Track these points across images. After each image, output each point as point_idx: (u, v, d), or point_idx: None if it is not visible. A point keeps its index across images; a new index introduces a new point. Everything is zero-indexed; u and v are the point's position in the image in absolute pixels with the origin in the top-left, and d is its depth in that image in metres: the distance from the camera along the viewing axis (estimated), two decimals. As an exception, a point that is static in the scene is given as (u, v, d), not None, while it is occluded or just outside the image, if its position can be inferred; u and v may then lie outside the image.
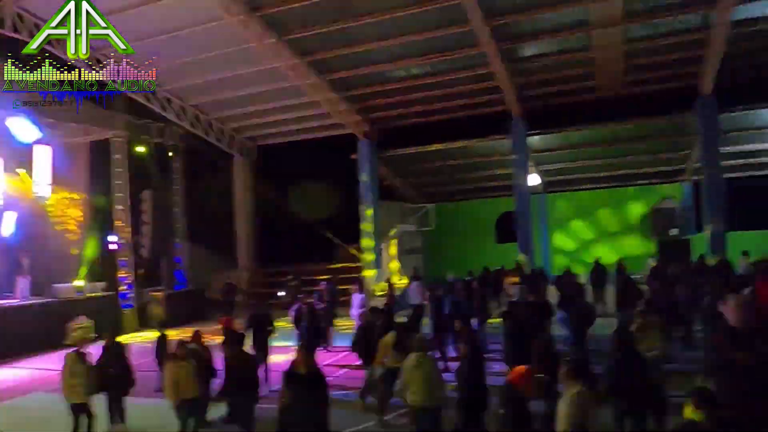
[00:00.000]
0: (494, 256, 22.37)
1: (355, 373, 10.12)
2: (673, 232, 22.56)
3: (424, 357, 6.34)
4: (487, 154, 22.53)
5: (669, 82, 17.45)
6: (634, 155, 22.29)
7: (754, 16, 14.22)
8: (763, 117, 18.96)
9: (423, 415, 6.19)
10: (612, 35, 15.18)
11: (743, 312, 8.96)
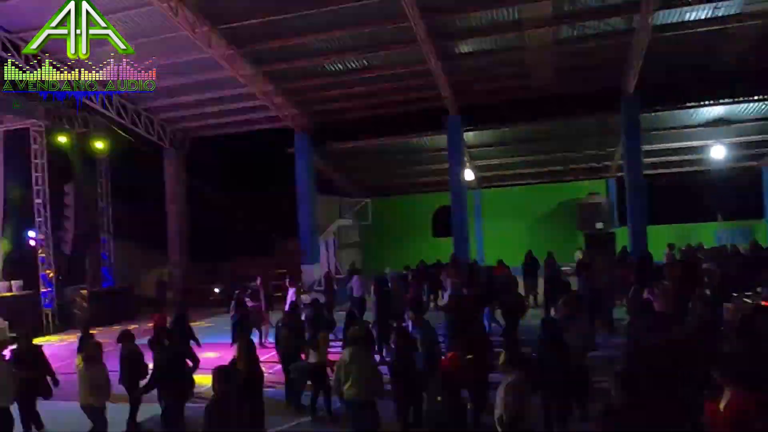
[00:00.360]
0: (431, 250, 22.72)
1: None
2: (598, 225, 23.66)
3: (359, 350, 6.33)
4: (424, 149, 22.81)
5: (596, 82, 18.21)
6: (563, 152, 23.18)
7: (672, 22, 15.06)
8: (680, 117, 20.19)
9: (359, 409, 6.19)
10: (543, 36, 15.67)
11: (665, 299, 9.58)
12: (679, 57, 16.85)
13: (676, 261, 15.05)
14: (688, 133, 21.18)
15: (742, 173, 24.04)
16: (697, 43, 16.09)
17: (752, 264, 13.54)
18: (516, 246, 21.41)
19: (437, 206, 26.32)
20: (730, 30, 15.42)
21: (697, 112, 19.72)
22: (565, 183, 25.54)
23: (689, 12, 14.66)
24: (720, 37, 15.88)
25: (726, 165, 23.05)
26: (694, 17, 14.89)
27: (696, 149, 22.42)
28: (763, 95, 18.37)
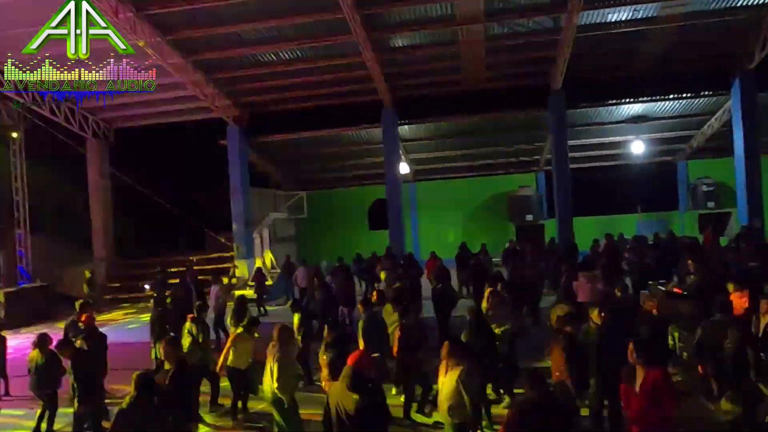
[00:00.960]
0: (367, 242, 22.78)
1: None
2: (528, 217, 24.48)
3: (282, 348, 6.22)
4: (359, 142, 22.82)
5: (525, 78, 18.78)
6: (495, 146, 23.80)
7: (596, 22, 15.73)
8: (603, 114, 21.19)
9: (283, 408, 6.13)
10: (475, 32, 15.98)
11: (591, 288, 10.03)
12: (602, 56, 17.66)
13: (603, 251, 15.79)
14: (611, 129, 22.27)
15: (660, 168, 25.52)
16: (619, 43, 16.91)
17: (668, 253, 14.42)
18: (450, 238, 21.85)
19: (373, 199, 26.42)
20: (648, 32, 16.30)
21: (618, 109, 20.75)
22: (497, 176, 26.24)
23: (611, 13, 15.37)
24: (639, 38, 16.75)
25: (645, 160, 24.40)
26: (615, 18, 15.63)
27: (617, 144, 23.57)
28: (678, 94, 19.57)
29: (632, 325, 6.96)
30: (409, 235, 23.59)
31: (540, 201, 25.16)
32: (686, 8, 15.22)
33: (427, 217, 26.20)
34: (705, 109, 20.78)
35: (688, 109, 20.89)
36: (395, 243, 19.18)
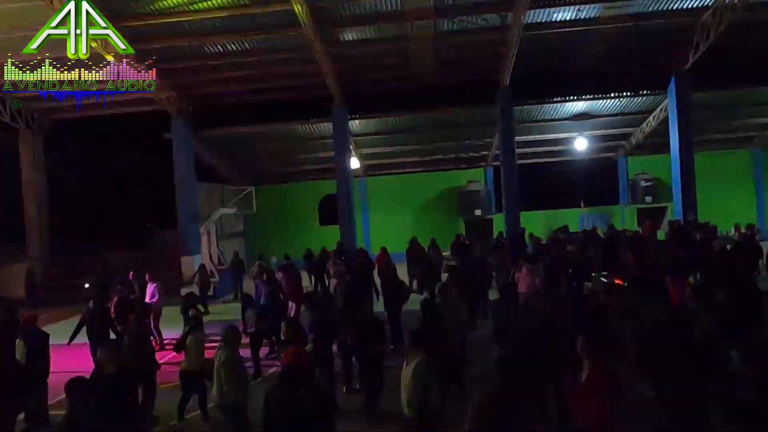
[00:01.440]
0: (317, 238, 22.62)
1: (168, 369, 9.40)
2: (477, 212, 24.89)
3: (229, 351, 6.07)
4: (309, 137, 22.59)
5: (474, 75, 19.06)
6: (445, 142, 24.05)
7: (542, 21, 16.11)
8: (549, 110, 21.75)
9: (233, 411, 6.00)
10: (424, 28, 16.07)
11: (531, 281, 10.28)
12: (547, 54, 18.11)
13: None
14: (555, 125, 22.89)
15: (601, 164, 26.45)
16: (563, 42, 17.38)
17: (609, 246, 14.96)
18: (401, 233, 21.96)
19: (323, 194, 26.25)
20: (590, 32, 16.82)
21: (562, 107, 21.36)
22: (447, 171, 26.55)
23: (556, 13, 15.77)
24: (582, 38, 17.26)
25: (587, 156, 25.22)
26: (560, 18, 16.05)
27: (562, 141, 24.26)
28: (618, 93, 20.33)
29: (579, 317, 7.16)
30: (360, 231, 23.57)
31: (488, 196, 25.61)
32: (626, 10, 15.79)
33: (377, 212, 26.24)
34: (644, 107, 21.66)
35: (628, 108, 21.72)
36: (346, 238, 19.13)
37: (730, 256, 11.70)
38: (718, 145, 24.38)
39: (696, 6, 15.62)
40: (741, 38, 17.17)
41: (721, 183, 23.90)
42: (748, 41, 17.66)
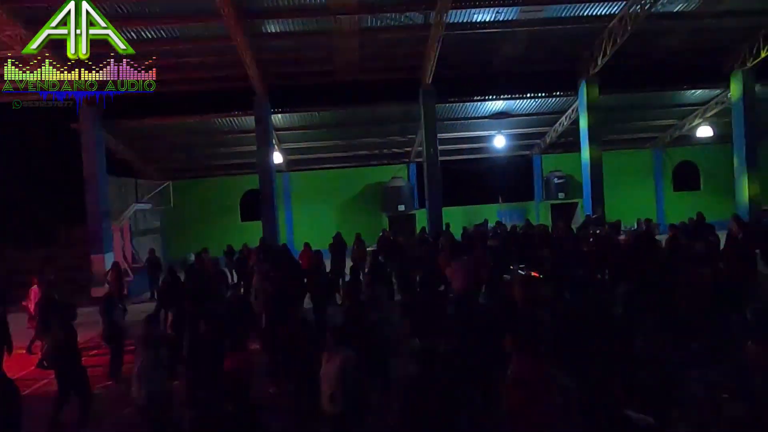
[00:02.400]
0: (239, 234, 22.10)
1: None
2: (400, 207, 25.20)
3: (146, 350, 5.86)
4: (230, 130, 21.95)
5: (398, 72, 19.25)
6: (368, 138, 24.15)
7: (463, 21, 16.53)
8: (470, 109, 22.36)
9: (144, 412, 5.77)
10: (348, 23, 16.04)
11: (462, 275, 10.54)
12: (468, 54, 18.61)
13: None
14: (476, 123, 23.58)
15: (518, 161, 27.54)
16: (483, 42, 17.93)
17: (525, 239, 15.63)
18: (325, 228, 21.85)
19: (245, 189, 25.65)
20: (508, 34, 17.44)
21: (482, 105, 22.03)
22: (371, 167, 26.68)
23: (476, 14, 16.24)
24: (501, 39, 17.87)
25: (505, 153, 26.17)
26: (480, 19, 16.54)
27: (482, 139, 25.02)
28: (534, 93, 21.23)
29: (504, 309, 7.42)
30: (283, 226, 23.23)
31: (411, 192, 25.99)
32: (541, 14, 16.52)
33: (301, 208, 25.97)
34: (557, 107, 22.75)
35: (542, 108, 22.74)
36: (269, 234, 18.80)
37: (635, 248, 12.54)
38: (623, 144, 26.06)
39: (603, 14, 16.58)
40: (644, 45, 18.43)
41: (625, 180, 25.59)
42: (650, 48, 18.99)
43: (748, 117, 20.03)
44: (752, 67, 19.46)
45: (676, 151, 27.22)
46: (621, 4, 15.92)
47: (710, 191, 26.42)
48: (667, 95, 22.60)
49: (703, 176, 27.48)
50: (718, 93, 22.08)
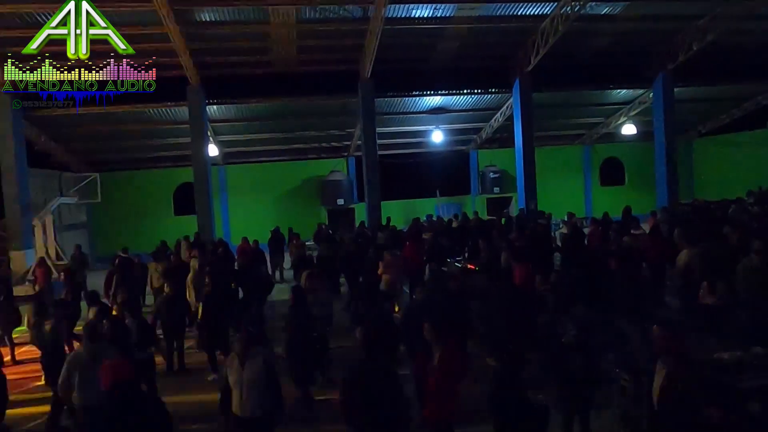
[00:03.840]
0: (173, 229, 21.41)
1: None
2: (339, 201, 25.16)
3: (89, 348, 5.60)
4: (162, 121, 21.18)
5: (336, 64, 19.13)
6: (307, 131, 23.92)
7: (402, 16, 16.62)
8: (408, 103, 22.56)
9: (85, 415, 5.52)
10: (285, 13, 15.79)
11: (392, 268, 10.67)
12: (407, 49, 18.73)
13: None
14: (414, 118, 23.83)
15: (455, 156, 28.06)
16: (422, 38, 18.10)
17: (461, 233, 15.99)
18: (262, 222, 21.51)
19: (179, 182, 24.85)
20: (445, 30, 17.70)
21: (421, 100, 22.28)
22: (310, 161, 26.46)
23: (415, 9, 16.37)
24: (439, 35, 18.11)
25: (443, 148, 26.61)
26: (418, 14, 16.69)
27: (420, 133, 25.32)
28: (470, 90, 21.66)
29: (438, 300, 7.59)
30: (219, 220, 22.68)
31: (350, 185, 25.99)
32: (477, 12, 16.86)
33: (237, 202, 25.43)
34: (492, 104, 23.32)
35: (479, 104, 23.26)
36: (204, 229, 18.33)
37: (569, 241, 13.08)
38: (555, 141, 27.07)
39: (536, 14, 17.11)
40: (574, 46, 19.17)
41: (557, 175, 26.61)
42: (580, 49, 19.77)
43: (667, 116, 21.23)
44: (672, 70, 20.63)
45: (603, 148, 28.54)
46: (552, 5, 16.47)
47: (634, 186, 27.88)
48: (595, 94, 23.65)
49: (627, 172, 28.97)
50: (641, 93, 23.30)
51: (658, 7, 17.49)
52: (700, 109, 26.10)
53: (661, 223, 12.91)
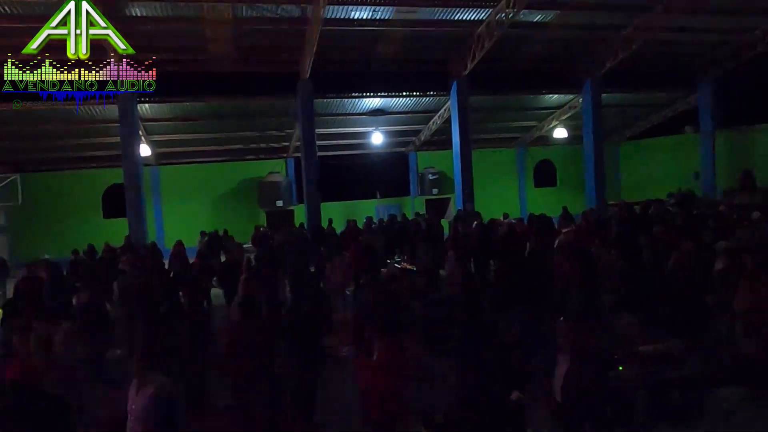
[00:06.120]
0: (102, 232, 20.45)
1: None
2: (279, 203, 24.81)
3: None
4: (90, 119, 20.20)
5: (275, 64, 18.88)
6: (244, 131, 23.46)
7: (341, 18, 16.59)
8: (348, 105, 22.54)
9: None
10: (221, 11, 15.45)
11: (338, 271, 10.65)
12: (346, 50, 18.75)
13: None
14: (354, 120, 23.83)
15: (394, 157, 28.27)
16: (361, 40, 18.15)
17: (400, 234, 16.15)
18: (199, 225, 20.92)
19: (108, 184, 23.76)
20: (385, 32, 17.82)
21: (360, 102, 22.32)
22: (247, 161, 25.96)
23: (354, 11, 16.39)
24: (378, 38, 18.21)
25: (382, 150, 26.75)
26: (358, 16, 16.71)
27: (360, 135, 25.36)
28: (409, 92, 21.91)
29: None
30: (151, 223, 21.86)
31: (290, 187, 25.68)
32: (416, 16, 17.07)
33: (172, 204, 24.60)
34: (431, 106, 23.66)
35: (417, 106, 23.53)
36: (135, 232, 17.61)
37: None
38: (491, 143, 27.77)
39: (472, 19, 17.51)
40: (510, 51, 19.75)
41: (493, 177, 27.30)
42: (515, 55, 20.39)
43: (595, 121, 22.24)
44: (600, 76, 21.62)
45: (536, 151, 29.54)
46: (488, 11, 16.91)
47: (565, 187, 29.00)
48: (529, 98, 24.46)
49: (559, 173, 30.11)
50: (571, 98, 24.29)
51: (586, 16, 18.29)
52: (625, 115, 27.48)
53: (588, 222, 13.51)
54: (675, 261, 8.08)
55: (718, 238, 9.32)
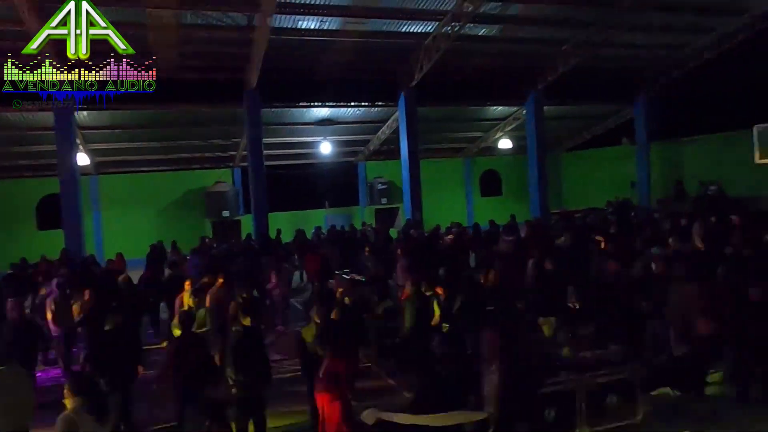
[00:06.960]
0: (36, 245, 19.51)
1: None
2: (225, 213, 24.34)
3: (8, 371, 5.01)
4: (23, 126, 19.28)
5: (221, 72, 18.54)
6: (189, 140, 22.93)
7: (288, 27, 16.49)
8: (296, 114, 22.39)
9: None
10: (166, 17, 15.08)
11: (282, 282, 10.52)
12: (294, 60, 18.61)
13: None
14: (302, 129, 23.70)
15: (343, 167, 28.26)
16: (309, 49, 18.06)
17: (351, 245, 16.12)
18: (142, 236, 20.26)
19: (43, 194, 22.71)
20: (333, 42, 17.82)
21: (308, 111, 22.23)
22: (192, 171, 25.35)
23: (302, 20, 16.33)
24: (326, 48, 18.19)
25: (331, 159, 26.70)
26: (305, 26, 16.65)
27: (308, 144, 25.23)
28: (357, 102, 21.97)
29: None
30: (90, 235, 20.99)
31: (236, 197, 25.25)
32: (364, 27, 17.16)
33: (112, 215, 23.72)
34: (379, 117, 23.81)
35: (366, 116, 23.64)
36: (72, 244, 16.86)
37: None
38: (439, 153, 28.19)
39: (420, 31, 17.77)
40: (456, 64, 20.12)
41: (440, 186, 27.69)
42: (461, 67, 20.79)
43: (538, 132, 22.94)
44: (542, 89, 22.35)
45: (482, 161, 30.19)
46: (434, 24, 17.20)
47: (510, 196, 29.73)
48: (475, 110, 25.00)
49: (504, 183, 30.84)
50: (515, 110, 24.98)
51: (529, 31, 18.87)
52: (567, 126, 28.49)
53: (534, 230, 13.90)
54: (612, 271, 8.40)
55: (651, 245, 9.76)
